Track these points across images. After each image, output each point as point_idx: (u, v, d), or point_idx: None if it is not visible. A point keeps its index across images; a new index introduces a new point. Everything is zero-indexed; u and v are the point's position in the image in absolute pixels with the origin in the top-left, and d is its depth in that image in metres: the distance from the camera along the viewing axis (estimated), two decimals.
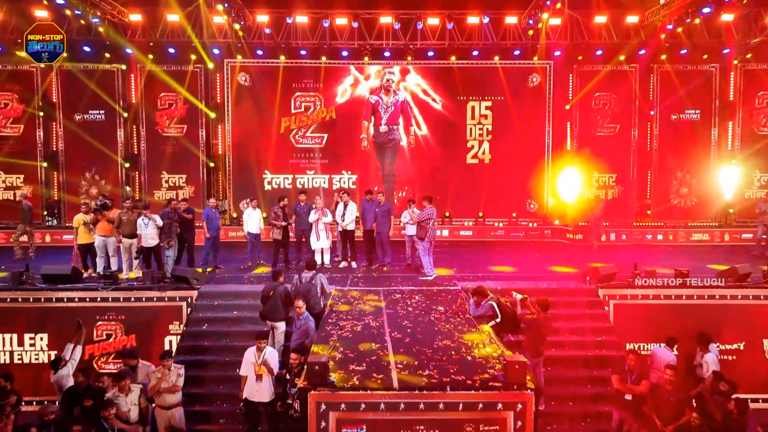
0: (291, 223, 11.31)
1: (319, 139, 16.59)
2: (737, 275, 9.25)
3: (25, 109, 16.00)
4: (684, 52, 15.67)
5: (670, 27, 14.60)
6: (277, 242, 11.17)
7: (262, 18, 15.02)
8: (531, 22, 14.86)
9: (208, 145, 16.68)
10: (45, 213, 16.25)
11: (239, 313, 8.92)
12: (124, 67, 16.12)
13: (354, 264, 11.35)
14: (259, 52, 15.91)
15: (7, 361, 8.81)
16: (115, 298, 8.84)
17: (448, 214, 16.34)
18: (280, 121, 16.41)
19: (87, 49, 15.25)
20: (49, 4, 13.80)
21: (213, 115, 16.60)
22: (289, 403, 6.34)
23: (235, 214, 16.25)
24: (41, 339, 8.78)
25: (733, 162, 16.34)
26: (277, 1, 15.02)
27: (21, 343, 8.82)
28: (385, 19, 15.09)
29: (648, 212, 16.78)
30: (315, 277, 8.09)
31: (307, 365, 5.05)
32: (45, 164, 16.28)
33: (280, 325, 7.81)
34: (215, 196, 16.33)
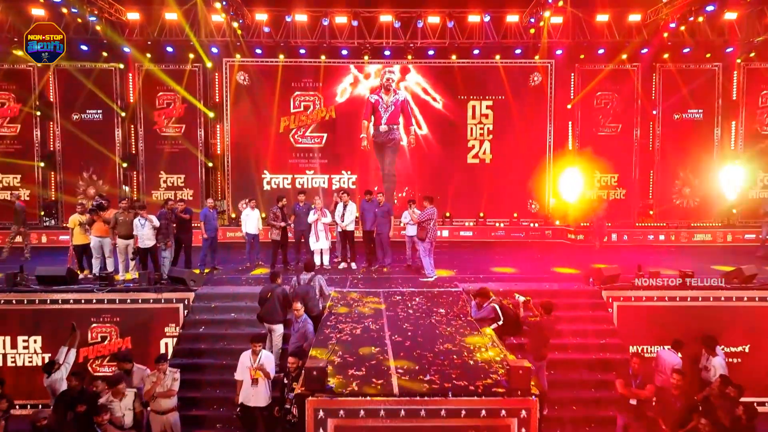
0: (290, 224, 11.18)
1: (318, 138, 16.46)
2: (743, 276, 9.12)
3: (22, 109, 15.85)
4: (687, 50, 15.55)
5: (673, 25, 14.50)
6: (275, 243, 11.04)
7: (261, 16, 14.92)
8: (532, 20, 14.72)
9: (206, 145, 16.56)
10: (42, 213, 16.14)
11: (237, 315, 8.80)
12: (121, 66, 16.00)
13: (354, 265, 11.20)
14: (258, 51, 15.79)
15: None
16: (110, 300, 8.72)
17: (448, 215, 16.21)
18: (279, 121, 16.28)
19: (84, 48, 15.14)
20: (45, 3, 13.71)
21: (211, 115, 16.49)
22: (287, 408, 6.24)
23: (234, 215, 16.11)
24: (35, 341, 8.65)
25: (736, 162, 16.22)
26: None
27: (14, 345, 8.69)
28: (385, 18, 14.99)
29: (650, 212, 16.66)
30: (314, 278, 7.95)
31: (304, 370, 4.90)
32: (42, 164, 16.15)
33: (278, 328, 7.67)
34: (213, 196, 16.23)
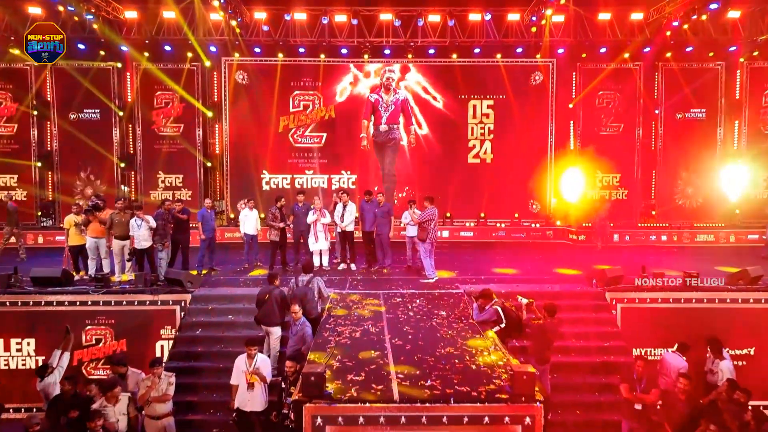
0: (289, 224, 11.03)
1: (318, 138, 16.32)
2: (749, 278, 9.00)
3: (19, 108, 15.73)
4: (689, 49, 15.44)
5: (676, 24, 14.34)
6: (274, 244, 10.90)
7: (260, 15, 14.79)
8: (534, 19, 14.59)
9: (205, 145, 16.42)
10: (39, 214, 16.00)
11: (234, 317, 8.65)
12: (119, 66, 15.87)
13: (353, 266, 11.06)
14: (257, 50, 15.66)
15: None
16: (105, 302, 8.56)
17: (449, 215, 16.07)
18: (279, 120, 16.14)
19: (81, 47, 15.00)
20: (42, 1, 13.57)
21: (210, 114, 16.35)
22: (285, 413, 6.08)
23: (233, 215, 15.97)
24: (28, 344, 8.51)
25: (739, 161, 16.09)
26: None
27: (7, 348, 8.54)
28: (385, 16, 14.86)
29: (652, 213, 16.54)
30: (312, 280, 7.80)
31: (302, 375, 4.77)
32: (39, 164, 16.02)
33: (276, 331, 7.53)
34: (212, 196, 16.11)
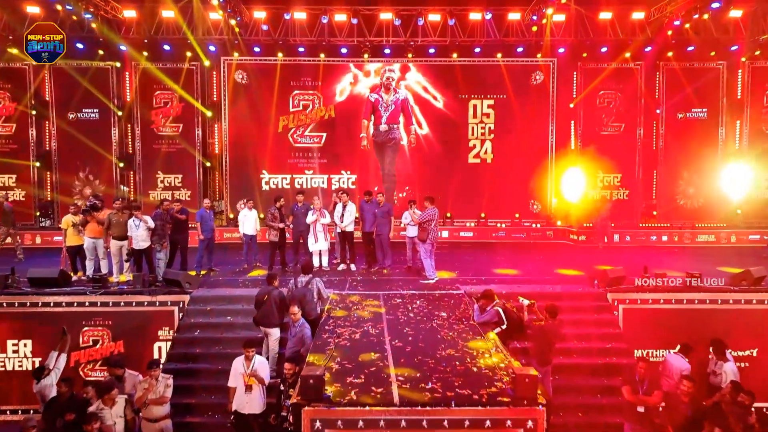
0: (288, 225, 10.95)
1: (317, 138, 16.25)
2: (752, 278, 8.91)
3: (17, 108, 15.66)
4: (691, 48, 15.40)
5: (677, 23, 14.31)
6: (273, 244, 10.83)
7: (259, 14, 14.72)
8: (535, 18, 14.53)
9: (204, 145, 16.35)
10: (38, 214, 15.94)
11: (233, 318, 8.57)
12: (118, 65, 15.81)
13: (353, 267, 10.99)
14: (257, 49, 15.60)
15: None
16: (103, 303, 8.47)
17: (449, 215, 16.00)
18: (278, 120, 16.07)
19: (80, 47, 14.92)
20: (40, 0, 13.47)
21: (209, 114, 16.29)
22: (284, 415, 6.01)
23: (232, 215, 15.90)
24: (25, 345, 8.42)
25: (740, 161, 16.02)
26: None
27: (4, 349, 8.44)
28: (385, 16, 14.80)
29: (653, 213, 16.46)
30: (311, 281, 7.73)
31: (300, 378, 4.69)
32: (38, 164, 15.96)
33: (274, 332, 7.45)
34: (211, 196, 16.05)
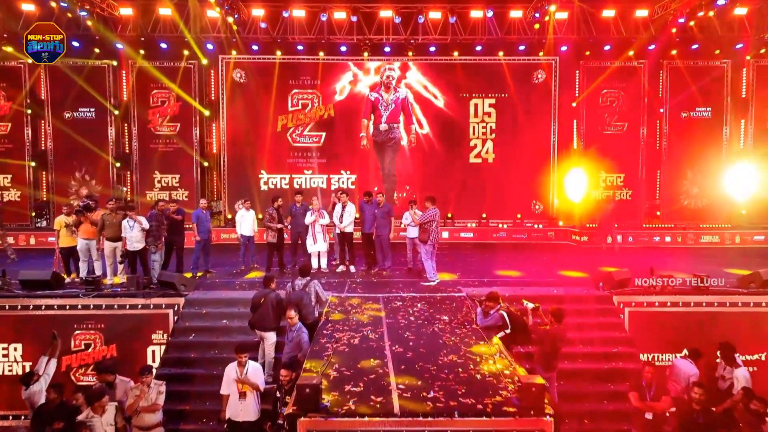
0: (286, 225, 10.74)
1: (316, 137, 16.04)
2: (761, 280, 8.71)
3: (12, 107, 15.45)
4: (695, 47, 15.18)
5: (682, 21, 14.09)
6: (271, 245, 10.61)
7: (258, 12, 14.49)
8: (537, 15, 14.30)
9: (202, 144, 16.13)
10: (33, 214, 15.74)
11: (229, 322, 8.36)
12: (114, 63, 15.58)
13: (352, 268, 10.79)
14: (255, 48, 15.38)
15: None
16: (96, 306, 8.27)
17: (450, 216, 15.78)
18: (277, 119, 15.86)
19: (76, 45, 14.66)
20: None
21: (207, 113, 16.08)
22: (280, 423, 5.80)
23: (230, 216, 15.67)
24: (15, 349, 8.22)
25: (745, 161, 15.80)
26: None
27: None
28: (385, 13, 14.58)
29: (657, 213, 16.24)
30: (309, 284, 7.50)
31: (296, 388, 4.48)
32: (33, 164, 15.74)
33: (270, 336, 7.24)
34: (209, 196, 15.84)
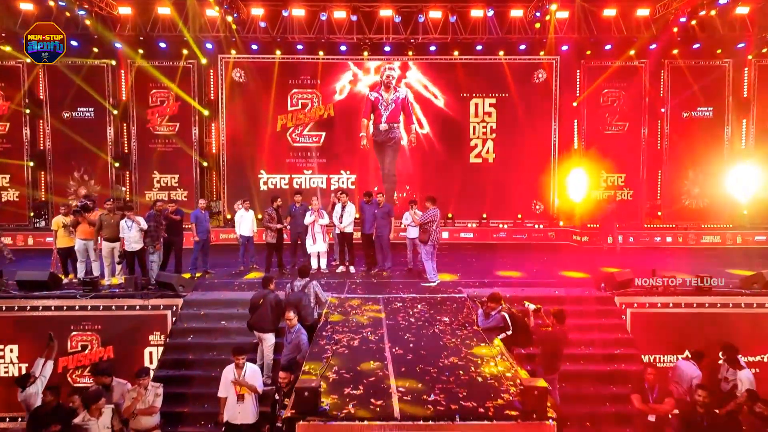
0: (286, 225, 10.67)
1: (316, 137, 15.97)
2: (764, 281, 8.64)
3: (11, 106, 15.37)
4: (697, 46, 15.09)
5: (683, 20, 14.01)
6: (270, 246, 10.54)
7: (257, 11, 14.41)
8: (537, 14, 14.22)
9: (201, 144, 16.05)
10: (32, 214, 15.66)
11: (228, 323, 8.29)
12: (113, 63, 15.51)
13: (352, 269, 10.72)
14: (254, 47, 15.31)
15: None
16: (93, 307, 8.21)
17: (450, 216, 15.71)
18: (276, 119, 15.79)
19: (74, 44, 14.56)
20: None
21: (206, 113, 16.00)
22: (279, 426, 5.72)
23: (230, 216, 15.60)
24: (11, 351, 8.15)
25: (747, 161, 15.73)
26: None
27: None
28: (385, 12, 14.50)
29: (658, 213, 16.17)
30: (308, 285, 7.44)
31: (295, 391, 4.40)
32: (32, 164, 15.67)
33: (269, 337, 7.16)
34: (208, 196, 15.77)
